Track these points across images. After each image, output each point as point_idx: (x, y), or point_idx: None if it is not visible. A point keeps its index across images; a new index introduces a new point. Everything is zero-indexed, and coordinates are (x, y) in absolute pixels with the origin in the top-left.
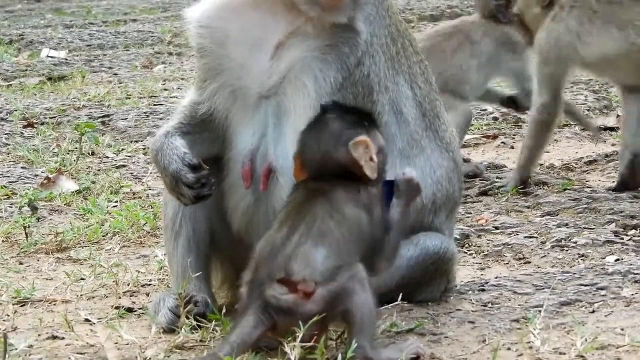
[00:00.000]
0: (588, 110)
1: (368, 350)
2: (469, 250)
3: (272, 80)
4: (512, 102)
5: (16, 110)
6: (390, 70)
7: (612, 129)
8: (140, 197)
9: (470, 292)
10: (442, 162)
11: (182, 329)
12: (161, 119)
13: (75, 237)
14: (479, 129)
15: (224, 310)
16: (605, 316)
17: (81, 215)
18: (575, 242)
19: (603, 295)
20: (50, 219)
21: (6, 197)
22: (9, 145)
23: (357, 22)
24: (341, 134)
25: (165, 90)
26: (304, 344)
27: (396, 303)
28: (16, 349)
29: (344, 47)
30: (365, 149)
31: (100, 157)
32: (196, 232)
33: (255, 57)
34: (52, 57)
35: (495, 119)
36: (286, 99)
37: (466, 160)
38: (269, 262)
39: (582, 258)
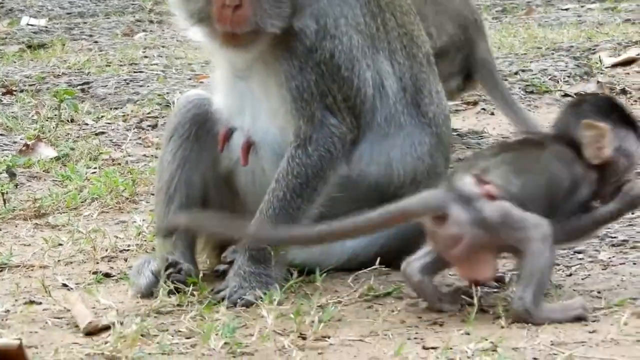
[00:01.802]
0: (568, 77)
1: (528, 303)
2: None
3: (242, 66)
4: None
5: None
6: (370, 47)
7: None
8: (119, 164)
9: None
10: (424, 138)
11: (160, 292)
12: (141, 86)
13: (53, 203)
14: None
15: (201, 275)
16: (582, 279)
17: (59, 181)
18: None
19: (580, 259)
20: (29, 185)
21: None
22: None
23: (301, 19)
24: (588, 113)
25: (146, 57)
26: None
27: (374, 267)
28: None
29: (293, 41)
30: (598, 134)
31: (79, 124)
32: (189, 198)
33: None
34: (31, 25)
35: None
36: (259, 79)
37: None
38: (471, 161)
39: None
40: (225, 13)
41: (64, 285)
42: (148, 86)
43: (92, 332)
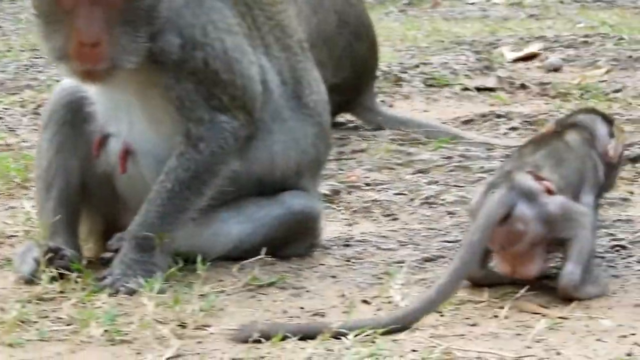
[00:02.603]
0: (469, 71)
1: (578, 279)
2: (337, 206)
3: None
4: None
5: None
6: (248, 45)
7: (491, 89)
8: (13, 149)
9: (335, 247)
10: (307, 129)
11: (42, 279)
12: (40, 72)
13: None
14: None
15: (85, 262)
16: None
17: None
18: (444, 200)
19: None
20: None
21: None
22: None
23: (161, 40)
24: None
25: None
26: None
27: (259, 257)
28: None
29: (161, 57)
30: (621, 136)
31: None
32: (69, 185)
33: None
34: None
35: (376, 76)
36: (136, 90)
37: None
38: (518, 160)
39: (449, 215)
40: (83, 51)
41: None
42: (47, 72)
43: None
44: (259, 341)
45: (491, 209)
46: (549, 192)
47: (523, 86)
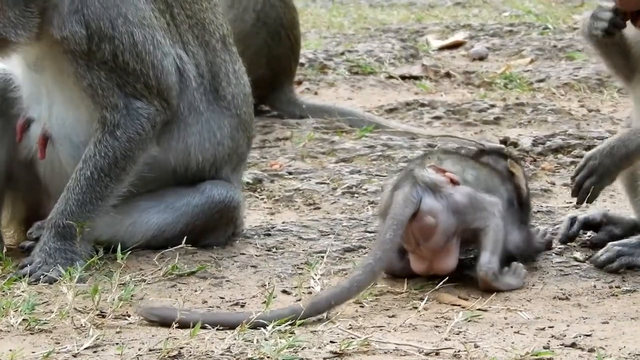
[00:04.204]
0: (394, 59)
1: (496, 268)
2: (260, 195)
3: (32, 60)
4: None
5: None
6: (164, 37)
7: (415, 78)
8: None
9: (256, 237)
10: (224, 121)
11: None
12: None
13: None
14: None
15: (5, 250)
16: None
17: None
18: (366, 189)
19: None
20: None
21: None
22: None
23: (65, 28)
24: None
25: None
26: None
27: (180, 246)
28: None
29: (70, 46)
30: (519, 174)
31: None
32: None
33: None
34: None
35: (302, 64)
36: (52, 74)
37: None
38: (421, 158)
39: (370, 205)
40: None
41: None
42: None
43: None
44: (179, 331)
45: (399, 207)
46: (453, 182)
47: (448, 75)
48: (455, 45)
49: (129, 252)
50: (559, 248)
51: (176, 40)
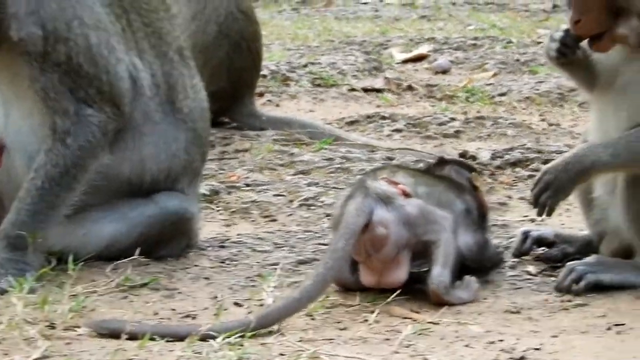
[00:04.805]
0: (357, 71)
1: (447, 282)
2: (217, 207)
3: None
4: None
5: None
6: (118, 43)
7: (378, 90)
8: None
9: (210, 249)
10: (179, 134)
11: None
12: None
13: None
14: None
15: None
16: None
17: None
18: (322, 202)
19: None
20: None
21: None
22: None
23: (21, 29)
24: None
25: None
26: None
27: (133, 257)
28: None
29: (25, 47)
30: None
31: None
32: None
33: None
34: None
35: (264, 76)
36: (6, 80)
37: None
38: (374, 170)
39: (327, 217)
40: None
41: None
42: None
43: None
44: (127, 343)
45: (350, 218)
46: (405, 194)
47: (410, 87)
48: (419, 59)
49: (82, 263)
50: (512, 261)
51: (131, 47)
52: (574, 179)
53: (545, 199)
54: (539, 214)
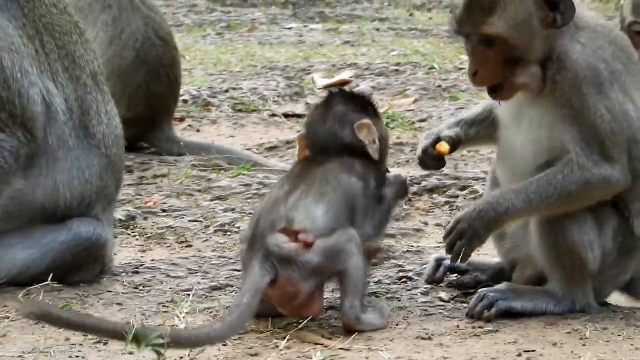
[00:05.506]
0: (278, 96)
1: (358, 311)
2: (132, 232)
3: None
4: None
5: None
6: (32, 66)
7: (299, 116)
8: None
9: (124, 274)
10: (93, 160)
11: None
12: None
13: None
14: None
15: None
16: None
17: None
18: (238, 227)
19: None
20: None
21: None
22: None
23: None
24: (347, 115)
25: None
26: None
27: (45, 283)
28: None
29: None
30: (368, 131)
31: None
32: None
33: None
34: None
35: (185, 101)
36: None
37: None
38: (271, 213)
39: None
40: None
41: None
42: None
43: None
44: None
45: (253, 280)
46: (307, 245)
47: None
48: (341, 84)
49: None
50: (425, 288)
51: (44, 69)
52: (488, 226)
53: (459, 247)
54: (453, 261)
